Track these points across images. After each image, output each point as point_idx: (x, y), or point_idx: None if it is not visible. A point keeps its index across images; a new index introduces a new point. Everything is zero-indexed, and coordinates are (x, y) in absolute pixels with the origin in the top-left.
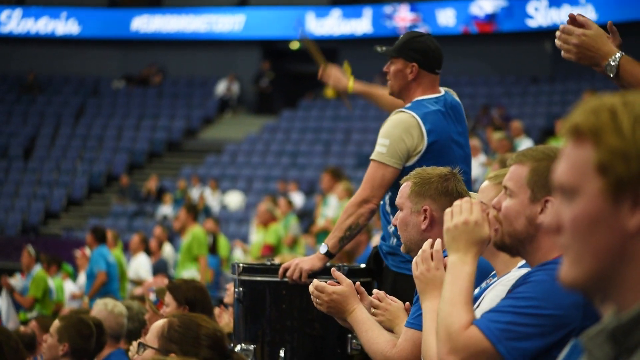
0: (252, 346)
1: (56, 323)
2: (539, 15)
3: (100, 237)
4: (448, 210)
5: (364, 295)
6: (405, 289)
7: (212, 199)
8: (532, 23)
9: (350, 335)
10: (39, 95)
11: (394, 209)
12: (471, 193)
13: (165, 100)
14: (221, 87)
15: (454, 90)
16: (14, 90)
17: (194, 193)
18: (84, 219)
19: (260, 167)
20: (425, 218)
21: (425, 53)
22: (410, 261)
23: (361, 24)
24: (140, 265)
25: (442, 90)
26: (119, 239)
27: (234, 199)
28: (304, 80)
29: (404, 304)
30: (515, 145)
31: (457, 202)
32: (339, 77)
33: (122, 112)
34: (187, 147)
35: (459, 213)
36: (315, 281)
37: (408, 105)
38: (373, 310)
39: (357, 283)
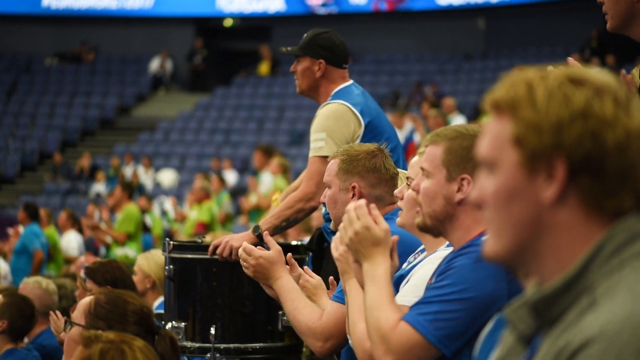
0: (183, 323)
1: None
2: None
3: (32, 214)
4: (341, 227)
5: (294, 267)
6: None
7: (145, 176)
8: (443, 1)
9: (280, 312)
10: None
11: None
12: (401, 171)
13: (98, 78)
14: (154, 65)
15: (389, 66)
16: None
17: (127, 171)
18: (17, 197)
19: (194, 145)
20: (353, 195)
21: (331, 49)
22: None
23: (274, 2)
24: (69, 243)
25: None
26: (52, 217)
27: (167, 177)
28: (237, 57)
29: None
30: (449, 122)
31: (344, 216)
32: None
33: (54, 90)
34: (120, 125)
35: (348, 227)
36: (245, 244)
37: (331, 98)
38: None
39: (289, 254)
